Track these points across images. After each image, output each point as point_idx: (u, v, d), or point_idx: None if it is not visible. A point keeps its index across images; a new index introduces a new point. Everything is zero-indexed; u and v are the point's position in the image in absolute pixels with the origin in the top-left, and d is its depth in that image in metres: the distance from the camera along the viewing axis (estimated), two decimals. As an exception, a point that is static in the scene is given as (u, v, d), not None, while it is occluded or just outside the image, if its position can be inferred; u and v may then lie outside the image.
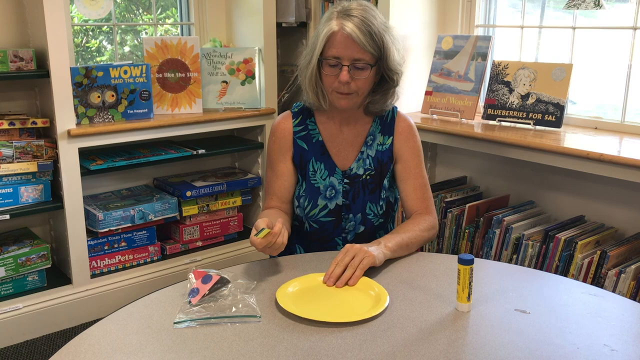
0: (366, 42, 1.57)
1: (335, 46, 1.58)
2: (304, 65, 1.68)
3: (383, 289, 1.35)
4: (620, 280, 2.02)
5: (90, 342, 1.16)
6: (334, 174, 1.72)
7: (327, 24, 1.60)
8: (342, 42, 1.57)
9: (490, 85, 2.60)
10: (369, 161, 1.72)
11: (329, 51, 1.59)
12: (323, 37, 1.59)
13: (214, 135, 3.20)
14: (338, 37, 1.58)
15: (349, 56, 1.57)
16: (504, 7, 2.83)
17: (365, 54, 1.58)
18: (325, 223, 1.74)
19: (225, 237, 3.11)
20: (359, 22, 1.57)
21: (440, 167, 3.00)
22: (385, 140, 1.73)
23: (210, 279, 1.32)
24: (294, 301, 1.30)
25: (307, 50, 1.68)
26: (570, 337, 1.18)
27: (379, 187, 1.73)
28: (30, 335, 2.54)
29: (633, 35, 2.33)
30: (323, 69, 1.62)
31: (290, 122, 1.75)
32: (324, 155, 1.72)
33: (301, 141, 1.73)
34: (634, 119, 2.38)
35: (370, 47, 1.58)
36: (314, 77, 1.64)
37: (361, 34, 1.56)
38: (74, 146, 2.51)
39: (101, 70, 2.64)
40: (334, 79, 1.60)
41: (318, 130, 1.74)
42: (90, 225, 2.66)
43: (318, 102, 1.68)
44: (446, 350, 1.13)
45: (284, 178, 1.74)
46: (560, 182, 2.50)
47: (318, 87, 1.66)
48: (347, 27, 1.56)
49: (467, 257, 1.26)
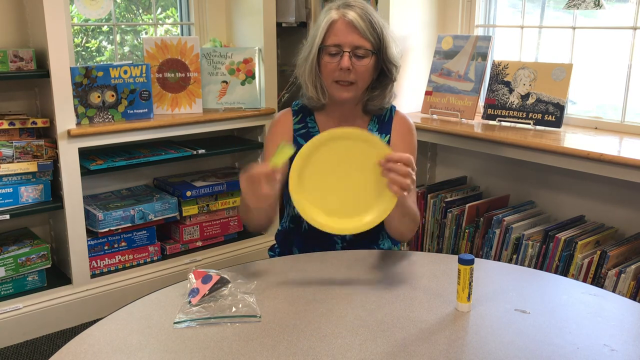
0: (367, 29, 1.59)
1: (336, 34, 1.59)
2: (303, 58, 1.68)
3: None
4: (620, 280, 2.02)
5: (90, 342, 1.16)
6: None
7: (327, 14, 1.62)
8: (342, 29, 1.59)
9: (490, 85, 2.60)
10: None
11: (329, 39, 1.60)
12: (324, 25, 1.60)
13: (214, 135, 3.20)
14: (338, 24, 1.59)
15: (350, 43, 1.59)
16: (504, 7, 2.83)
17: (366, 42, 1.59)
18: None
19: (225, 237, 3.11)
20: (360, 11, 1.60)
21: (440, 167, 3.00)
22: (382, 138, 1.73)
23: (210, 279, 1.32)
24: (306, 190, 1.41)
25: (306, 45, 1.68)
26: (570, 337, 1.18)
27: None
28: (30, 335, 2.54)
29: (633, 35, 2.33)
30: (323, 58, 1.62)
31: (290, 119, 1.75)
32: None
33: (301, 139, 1.73)
34: (634, 119, 2.38)
35: (371, 35, 1.60)
36: (314, 69, 1.64)
37: (362, 21, 1.58)
38: (74, 146, 2.51)
39: (101, 70, 2.64)
40: (335, 67, 1.60)
41: (318, 128, 1.74)
42: (90, 225, 2.66)
43: (317, 96, 1.67)
44: (446, 350, 1.13)
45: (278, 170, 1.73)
46: (560, 182, 2.50)
47: (317, 79, 1.66)
48: (348, 15, 1.59)
49: (467, 257, 1.26)
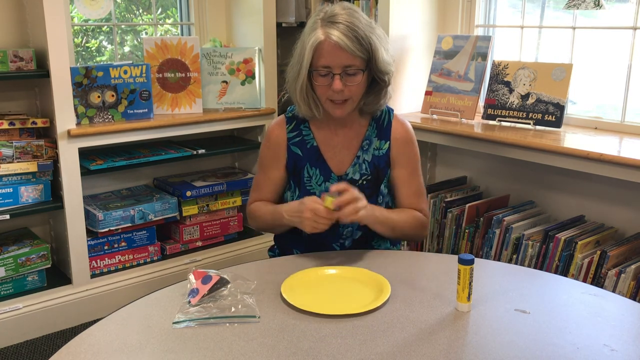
0: (354, 47, 1.54)
1: (324, 56, 1.55)
2: (292, 78, 1.64)
3: (385, 280, 1.38)
4: (620, 280, 2.02)
5: (90, 342, 1.16)
6: (330, 179, 1.69)
7: (312, 34, 1.57)
8: (330, 51, 1.55)
9: (490, 85, 2.60)
10: (365, 166, 1.69)
11: (318, 62, 1.57)
12: (310, 48, 1.56)
13: (214, 135, 3.20)
14: (325, 46, 1.55)
15: (339, 64, 1.55)
16: (504, 7, 2.83)
17: (355, 60, 1.56)
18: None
19: (225, 237, 3.11)
20: (345, 29, 1.54)
21: (440, 167, 3.00)
22: (382, 145, 1.70)
23: (210, 279, 1.32)
24: (298, 295, 1.33)
25: (293, 62, 1.64)
26: (570, 337, 1.18)
27: (376, 192, 1.70)
28: (30, 335, 2.54)
29: (633, 35, 2.33)
30: (314, 79, 1.60)
31: (284, 129, 1.72)
32: (318, 161, 1.70)
33: (295, 147, 1.71)
34: (634, 119, 2.38)
35: (359, 52, 1.55)
36: (305, 88, 1.61)
37: (348, 40, 1.53)
38: (74, 146, 2.51)
39: (101, 70, 2.64)
40: (327, 88, 1.58)
41: (312, 135, 1.71)
42: (90, 225, 2.66)
43: (311, 112, 1.66)
44: (446, 350, 1.13)
45: (276, 183, 1.74)
46: (560, 182, 2.50)
47: (310, 98, 1.63)
48: (333, 36, 1.53)
49: (467, 257, 1.26)
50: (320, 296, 1.35)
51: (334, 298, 1.35)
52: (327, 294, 1.36)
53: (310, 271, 1.45)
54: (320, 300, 1.32)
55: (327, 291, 1.38)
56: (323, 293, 1.37)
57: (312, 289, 1.37)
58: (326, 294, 1.36)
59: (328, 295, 1.36)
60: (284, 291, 1.33)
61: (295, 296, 1.31)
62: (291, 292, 1.34)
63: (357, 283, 1.40)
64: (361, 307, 1.27)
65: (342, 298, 1.35)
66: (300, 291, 1.35)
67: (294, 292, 1.34)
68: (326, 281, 1.42)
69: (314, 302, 1.29)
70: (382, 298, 1.31)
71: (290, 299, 1.30)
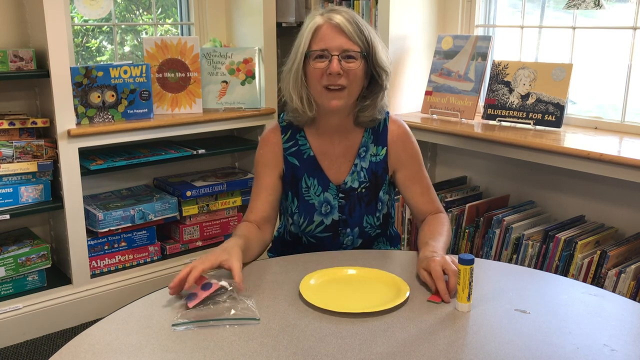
0: (355, 32, 1.53)
1: (322, 38, 1.53)
2: (287, 70, 1.61)
3: (403, 281, 1.38)
4: (620, 280, 2.02)
5: (90, 342, 1.16)
6: (328, 189, 1.66)
7: (311, 20, 1.56)
8: (329, 33, 1.53)
9: (490, 85, 2.60)
10: (364, 173, 1.66)
11: (315, 44, 1.53)
12: (309, 31, 1.54)
13: (214, 135, 3.20)
14: (324, 28, 1.53)
15: (339, 46, 1.52)
16: (504, 7, 2.83)
17: (354, 45, 1.53)
18: (322, 238, 1.70)
19: (225, 237, 3.10)
20: (346, 15, 1.55)
21: (440, 167, 3.00)
22: (378, 151, 1.67)
23: (210, 286, 1.31)
24: (316, 294, 1.33)
25: (290, 55, 1.61)
26: (570, 337, 1.18)
27: (375, 199, 1.68)
28: (30, 335, 2.54)
29: (633, 35, 2.33)
30: (309, 65, 1.54)
31: (279, 137, 1.68)
32: (316, 171, 1.66)
33: (292, 157, 1.67)
34: (634, 119, 2.38)
35: (359, 38, 1.54)
36: (299, 79, 1.56)
37: (349, 24, 1.53)
38: (74, 146, 2.51)
39: (101, 70, 2.64)
40: (323, 72, 1.52)
41: (309, 144, 1.67)
42: (90, 225, 2.66)
43: (302, 108, 1.59)
44: (446, 350, 1.13)
45: (269, 191, 1.67)
46: (560, 182, 2.50)
47: (303, 90, 1.57)
48: (335, 18, 1.53)
49: (467, 257, 1.26)
50: (340, 295, 1.35)
51: (354, 297, 1.35)
52: (346, 293, 1.36)
53: (329, 271, 1.44)
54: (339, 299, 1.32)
55: (346, 290, 1.38)
56: (342, 292, 1.37)
57: (332, 288, 1.37)
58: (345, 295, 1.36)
59: (347, 294, 1.36)
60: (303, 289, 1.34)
61: (313, 296, 1.32)
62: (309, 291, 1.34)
63: (377, 283, 1.40)
64: (379, 306, 1.28)
65: (361, 298, 1.34)
66: (317, 289, 1.36)
67: (312, 290, 1.35)
68: (346, 281, 1.42)
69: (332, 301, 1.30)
70: (401, 297, 1.31)
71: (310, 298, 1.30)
